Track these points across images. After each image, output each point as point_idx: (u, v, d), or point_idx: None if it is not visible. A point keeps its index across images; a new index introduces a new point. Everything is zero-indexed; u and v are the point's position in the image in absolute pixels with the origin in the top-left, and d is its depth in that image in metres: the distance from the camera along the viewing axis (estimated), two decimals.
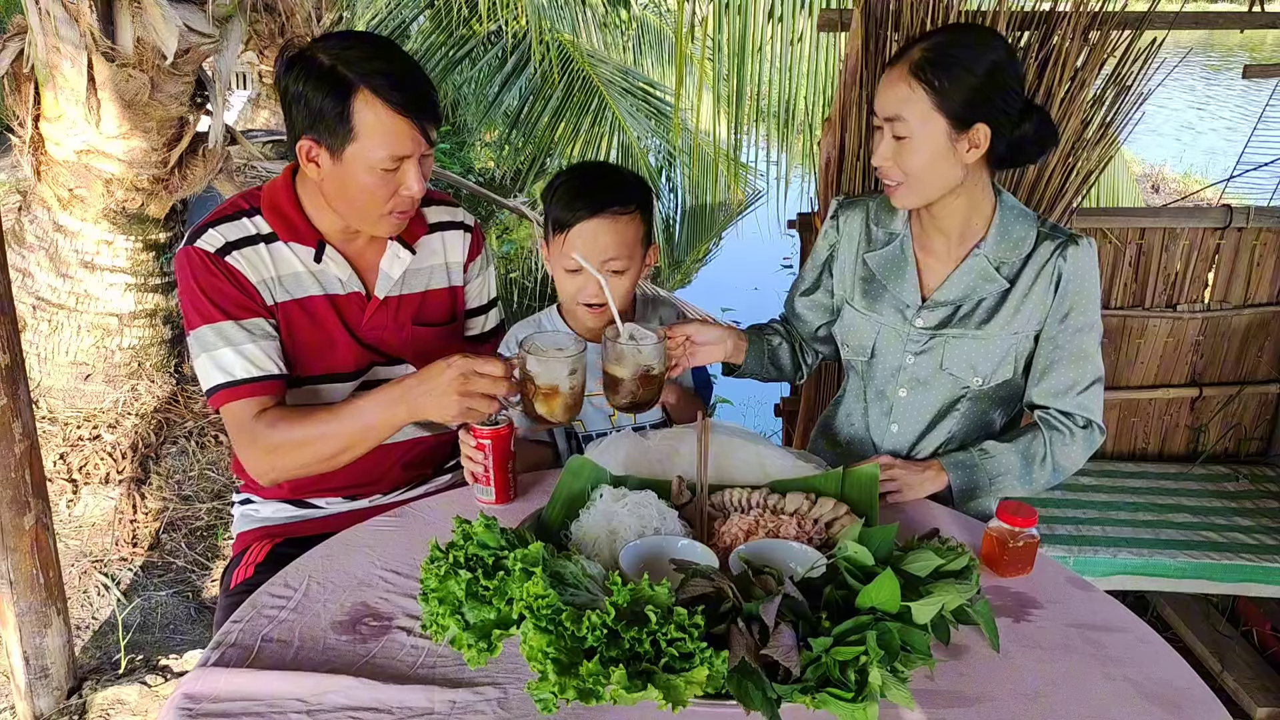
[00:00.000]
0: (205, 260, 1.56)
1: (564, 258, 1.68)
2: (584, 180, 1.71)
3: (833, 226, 1.86)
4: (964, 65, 1.53)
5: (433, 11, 5.87)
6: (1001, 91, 1.55)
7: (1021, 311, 1.68)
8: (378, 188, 1.52)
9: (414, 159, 1.52)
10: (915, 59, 1.55)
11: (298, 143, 1.52)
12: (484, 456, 1.51)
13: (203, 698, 1.11)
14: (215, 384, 1.56)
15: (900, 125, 1.57)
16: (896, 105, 1.57)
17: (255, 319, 1.58)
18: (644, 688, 1.02)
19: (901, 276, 1.75)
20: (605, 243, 1.66)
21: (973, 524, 1.56)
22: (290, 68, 1.51)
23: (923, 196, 1.63)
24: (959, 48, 1.54)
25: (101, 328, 3.53)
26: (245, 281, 1.57)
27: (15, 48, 3.15)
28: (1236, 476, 2.84)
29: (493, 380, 1.43)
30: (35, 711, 2.30)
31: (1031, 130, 1.60)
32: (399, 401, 1.47)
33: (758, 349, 1.86)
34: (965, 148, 1.57)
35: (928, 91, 1.54)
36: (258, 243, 1.60)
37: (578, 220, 1.65)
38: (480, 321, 1.87)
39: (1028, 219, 1.69)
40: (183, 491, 3.32)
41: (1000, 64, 1.54)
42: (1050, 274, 1.66)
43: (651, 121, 6.11)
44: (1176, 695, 1.17)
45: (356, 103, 1.46)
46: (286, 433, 1.53)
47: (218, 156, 3.49)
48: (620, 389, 1.56)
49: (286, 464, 1.56)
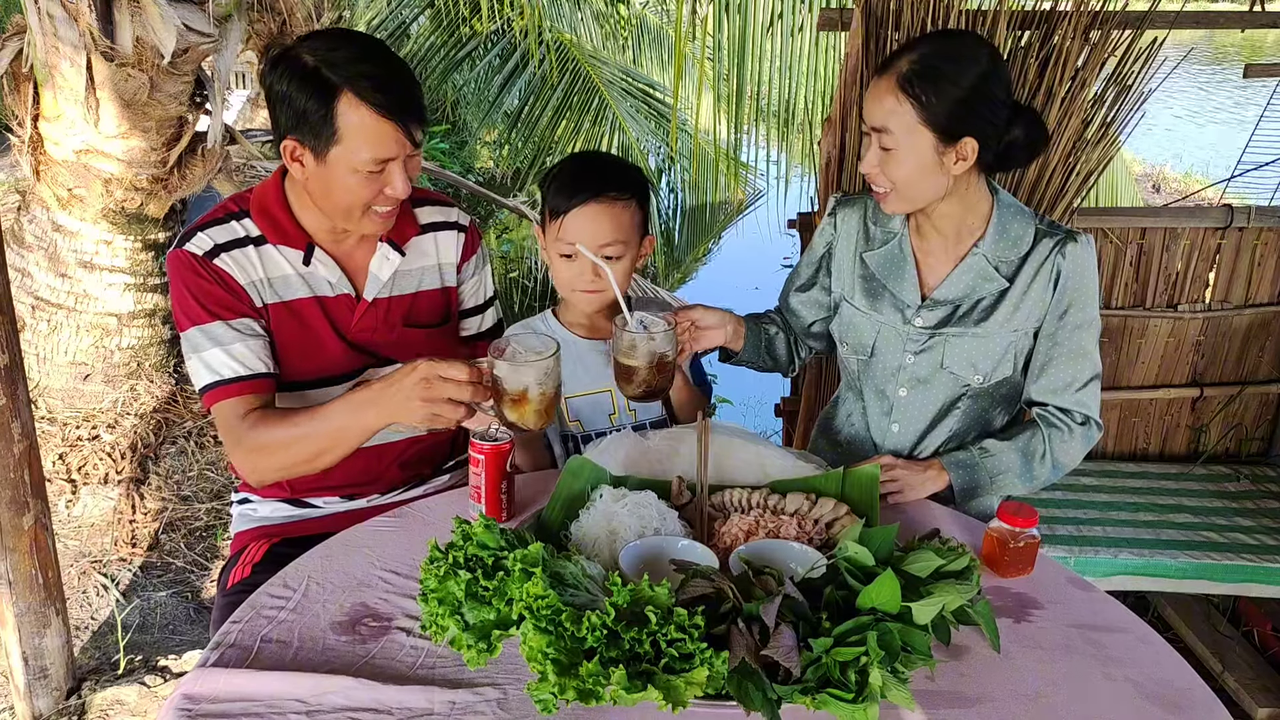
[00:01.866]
0: (194, 263, 1.57)
1: (560, 243, 1.67)
2: (581, 167, 1.71)
3: (830, 224, 1.86)
4: (950, 79, 1.52)
5: (433, 11, 5.87)
6: (988, 103, 1.55)
7: (1021, 309, 1.68)
8: (362, 188, 1.51)
9: (399, 160, 1.52)
10: (903, 71, 1.54)
11: (282, 142, 1.52)
12: (478, 471, 1.47)
13: (202, 698, 1.10)
14: (205, 384, 1.57)
15: (887, 137, 1.57)
16: (883, 117, 1.57)
17: (244, 319, 1.58)
18: (644, 688, 1.02)
19: (901, 276, 1.75)
20: (602, 228, 1.65)
21: (973, 524, 1.56)
22: (274, 66, 1.50)
23: (911, 204, 1.64)
24: (946, 60, 1.54)
25: (100, 328, 3.53)
26: (234, 283, 1.58)
27: (14, 47, 3.15)
28: (1237, 477, 2.84)
29: (457, 385, 1.39)
30: (34, 712, 2.30)
31: (1021, 135, 1.60)
32: (368, 404, 1.46)
33: (755, 337, 1.86)
34: (952, 160, 1.57)
35: (914, 105, 1.54)
36: (246, 245, 1.60)
37: (575, 205, 1.64)
38: (476, 321, 1.87)
39: (1025, 216, 1.69)
40: (182, 492, 3.32)
41: (987, 74, 1.54)
42: (1049, 271, 1.66)
43: (651, 123, 6.11)
44: (1177, 696, 1.17)
45: (340, 105, 1.46)
46: (268, 434, 1.53)
47: (217, 156, 3.49)
48: (634, 378, 1.54)
49: (269, 465, 1.56)
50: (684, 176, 6.54)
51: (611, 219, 1.65)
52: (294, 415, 1.54)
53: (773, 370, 1.94)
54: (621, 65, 6.41)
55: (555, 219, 1.67)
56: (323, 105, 1.46)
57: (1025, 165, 1.69)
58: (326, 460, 1.53)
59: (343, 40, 1.51)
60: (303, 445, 1.52)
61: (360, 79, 1.46)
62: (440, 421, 1.42)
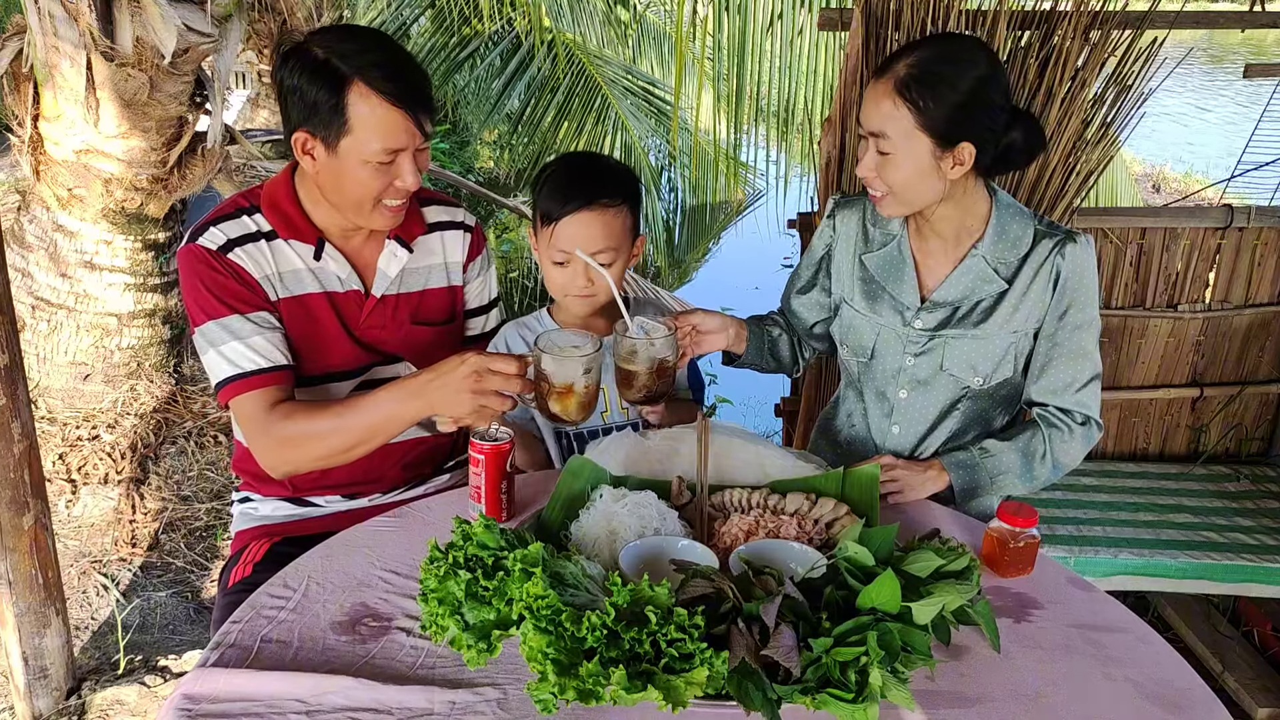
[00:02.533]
0: (208, 257, 1.57)
1: (552, 250, 1.67)
2: (571, 172, 1.70)
3: (829, 225, 1.86)
4: (949, 83, 1.52)
5: (434, 12, 5.87)
6: (986, 108, 1.55)
7: (1020, 310, 1.68)
8: (372, 180, 1.52)
9: (409, 152, 1.52)
10: (900, 75, 1.54)
11: (293, 135, 1.53)
12: (479, 471, 1.48)
13: (202, 698, 1.10)
14: (225, 377, 1.55)
15: (884, 142, 1.57)
16: (880, 122, 1.56)
17: (260, 312, 1.58)
18: (644, 688, 1.02)
19: (900, 278, 1.75)
20: (594, 235, 1.64)
21: (973, 524, 1.56)
22: (285, 61, 1.52)
23: (908, 207, 1.64)
24: (944, 64, 1.53)
25: (100, 328, 3.53)
26: (249, 277, 1.58)
27: (14, 47, 3.14)
28: (1237, 477, 2.84)
29: (505, 378, 1.41)
30: (34, 712, 2.30)
31: (1019, 138, 1.60)
32: (416, 395, 1.46)
33: (758, 339, 1.86)
34: (949, 164, 1.57)
35: (912, 110, 1.53)
36: (259, 239, 1.60)
37: (567, 212, 1.64)
38: (481, 322, 1.87)
39: (1024, 217, 1.69)
40: (182, 492, 3.32)
41: (985, 79, 1.54)
42: (1049, 272, 1.66)
43: (652, 120, 6.11)
44: (1177, 696, 1.17)
45: (351, 95, 1.47)
46: (302, 426, 1.52)
47: (217, 156, 3.48)
48: (635, 383, 1.54)
49: (300, 457, 1.55)
50: (684, 174, 6.54)
51: (603, 226, 1.64)
52: (329, 407, 1.53)
53: (776, 371, 1.95)
54: (623, 63, 6.41)
55: (547, 225, 1.66)
56: (333, 95, 1.47)
57: (1023, 168, 1.69)
58: (360, 451, 1.52)
59: (352, 34, 1.53)
60: (340, 436, 1.51)
61: (371, 68, 1.46)
62: (486, 415, 1.43)
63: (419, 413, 1.47)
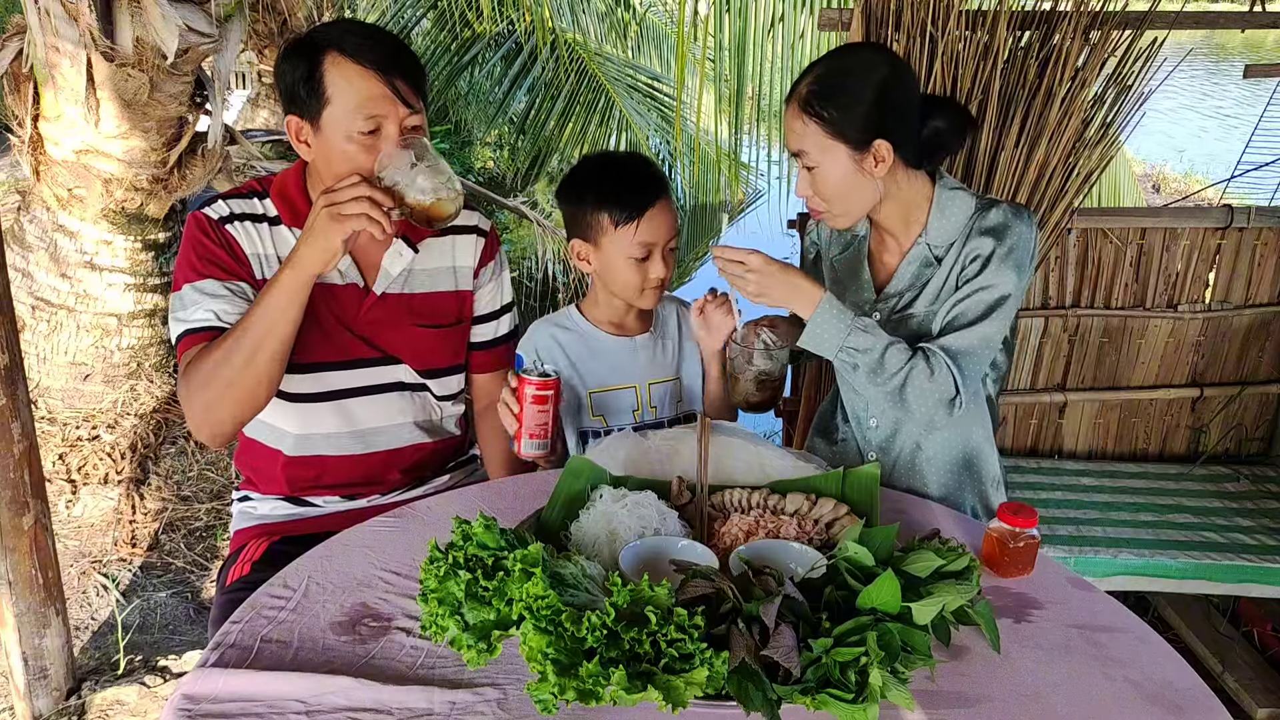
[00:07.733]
0: (206, 224, 1.60)
1: (634, 245, 1.72)
2: (626, 170, 1.76)
3: (812, 233, 1.93)
4: (849, 92, 1.56)
5: (436, 13, 5.87)
6: (893, 106, 1.58)
7: (950, 280, 1.67)
8: (360, 156, 1.51)
9: (392, 122, 1.51)
10: (803, 94, 1.59)
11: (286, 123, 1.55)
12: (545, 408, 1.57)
13: (202, 698, 1.10)
14: (178, 333, 1.55)
15: (807, 158, 1.62)
16: (797, 141, 1.62)
17: (239, 282, 1.59)
18: (644, 689, 1.02)
19: (857, 277, 1.79)
20: (670, 223, 1.73)
21: (973, 524, 1.56)
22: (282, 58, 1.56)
23: (850, 216, 1.67)
24: (841, 75, 1.58)
25: (100, 328, 3.53)
26: (239, 250, 1.60)
27: (14, 47, 3.14)
28: (1237, 477, 2.84)
29: (353, 186, 1.42)
30: (34, 712, 2.30)
31: (944, 124, 1.63)
32: (289, 265, 1.47)
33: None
34: (871, 164, 1.60)
35: (819, 123, 1.58)
36: (261, 222, 1.63)
37: (649, 206, 1.70)
38: (492, 327, 1.86)
39: (963, 195, 1.69)
40: (182, 492, 3.32)
41: (885, 80, 1.57)
42: (968, 233, 1.65)
43: (655, 116, 6.11)
44: (1177, 696, 1.17)
45: (325, 64, 1.49)
46: (204, 360, 1.49)
47: (217, 156, 3.48)
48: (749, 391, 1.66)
49: (210, 398, 1.50)
50: (685, 174, 6.54)
51: (673, 215, 1.75)
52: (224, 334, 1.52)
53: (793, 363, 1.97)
54: (625, 60, 6.40)
55: (628, 223, 1.71)
56: (310, 68, 1.49)
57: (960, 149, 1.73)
58: (264, 359, 1.48)
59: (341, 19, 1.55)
60: (235, 351, 1.47)
61: (344, 36, 1.49)
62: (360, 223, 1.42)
63: (300, 277, 1.46)
